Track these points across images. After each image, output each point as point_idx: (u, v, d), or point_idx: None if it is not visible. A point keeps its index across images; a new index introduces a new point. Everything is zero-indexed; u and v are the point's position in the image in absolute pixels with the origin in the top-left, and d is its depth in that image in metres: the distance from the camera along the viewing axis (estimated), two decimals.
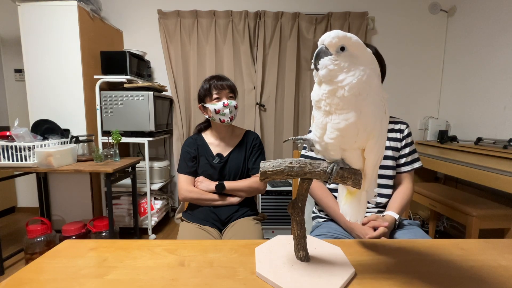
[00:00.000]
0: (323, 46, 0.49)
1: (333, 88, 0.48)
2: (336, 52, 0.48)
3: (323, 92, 0.50)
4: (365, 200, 0.65)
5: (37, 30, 1.99)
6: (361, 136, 0.51)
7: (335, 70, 0.48)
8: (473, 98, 2.28)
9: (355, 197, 0.64)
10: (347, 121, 0.49)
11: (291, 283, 0.53)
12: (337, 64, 0.48)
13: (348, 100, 0.48)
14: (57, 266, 0.60)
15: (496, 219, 1.59)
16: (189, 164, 1.26)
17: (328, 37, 0.48)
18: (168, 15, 2.45)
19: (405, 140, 1.09)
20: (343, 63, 0.48)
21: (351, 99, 0.48)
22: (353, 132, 0.51)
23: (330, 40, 0.48)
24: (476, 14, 2.27)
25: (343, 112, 0.49)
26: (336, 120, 0.50)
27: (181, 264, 0.61)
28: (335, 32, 0.48)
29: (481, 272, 0.59)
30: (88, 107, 2.08)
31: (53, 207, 2.19)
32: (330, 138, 0.52)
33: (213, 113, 1.21)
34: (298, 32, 2.47)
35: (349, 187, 0.63)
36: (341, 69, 0.48)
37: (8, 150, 1.62)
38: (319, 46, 0.50)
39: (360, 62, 0.49)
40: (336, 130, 0.51)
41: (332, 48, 0.48)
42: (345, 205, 0.67)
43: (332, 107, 0.50)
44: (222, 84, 1.22)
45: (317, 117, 0.54)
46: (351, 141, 0.52)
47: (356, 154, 0.55)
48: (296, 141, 0.60)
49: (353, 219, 0.65)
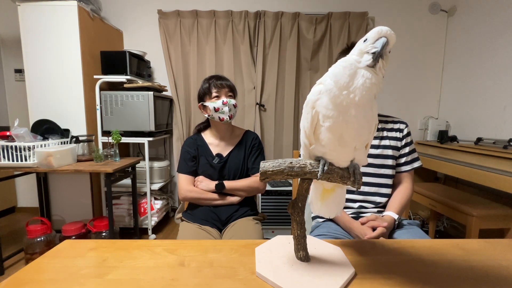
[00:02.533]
0: (389, 39, 0.47)
1: (382, 80, 0.48)
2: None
3: (367, 78, 0.47)
4: (345, 193, 0.66)
5: (37, 30, 1.99)
6: (373, 133, 0.55)
7: (385, 65, 0.49)
8: (473, 98, 2.28)
9: (334, 192, 0.64)
10: (366, 117, 0.51)
11: (291, 283, 0.53)
12: (387, 61, 0.49)
13: (372, 95, 0.49)
14: (57, 266, 0.60)
15: (496, 219, 1.59)
16: (189, 164, 1.26)
17: (393, 35, 0.47)
18: (168, 15, 2.45)
19: (405, 139, 1.09)
20: (387, 62, 0.49)
21: (372, 95, 0.50)
22: (369, 129, 0.53)
23: (394, 37, 0.48)
24: (476, 14, 2.27)
25: (366, 108, 0.50)
26: (356, 116, 0.49)
27: (181, 264, 0.61)
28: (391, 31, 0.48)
29: (481, 272, 0.59)
30: (88, 107, 2.08)
31: (53, 207, 2.19)
32: (349, 140, 0.52)
33: (212, 112, 1.21)
34: (298, 32, 2.47)
35: (325, 185, 0.63)
36: (384, 68, 0.49)
37: (8, 150, 1.62)
38: (384, 38, 0.47)
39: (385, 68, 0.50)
40: (357, 129, 0.51)
41: (391, 44, 0.48)
42: (323, 206, 0.65)
43: (361, 98, 0.48)
44: (221, 83, 1.23)
45: (333, 116, 0.50)
46: (366, 138, 0.55)
47: (363, 151, 0.56)
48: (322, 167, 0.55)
49: (332, 215, 0.66)
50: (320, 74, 2.53)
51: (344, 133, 0.51)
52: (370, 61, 0.47)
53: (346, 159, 0.55)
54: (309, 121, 0.54)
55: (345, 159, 0.55)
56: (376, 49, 0.47)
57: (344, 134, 0.51)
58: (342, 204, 0.66)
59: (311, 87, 2.21)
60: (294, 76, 2.50)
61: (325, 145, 0.53)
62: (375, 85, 0.48)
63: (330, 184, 0.62)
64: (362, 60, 0.48)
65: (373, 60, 0.47)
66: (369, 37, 0.48)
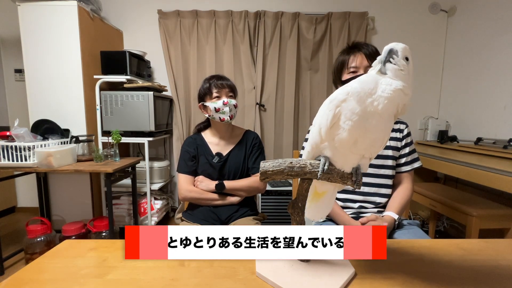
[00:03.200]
0: (395, 48, 0.51)
1: (400, 89, 0.50)
2: (403, 59, 0.51)
3: (389, 85, 0.50)
4: (334, 197, 0.67)
5: (37, 30, 1.99)
6: (383, 145, 0.57)
7: (400, 73, 0.51)
8: (473, 98, 2.28)
9: (325, 196, 0.64)
10: (384, 129, 0.54)
11: (291, 283, 0.53)
12: (405, 69, 0.51)
13: (394, 108, 0.52)
14: (57, 266, 0.60)
15: (496, 219, 1.59)
16: (189, 163, 1.26)
17: (400, 44, 0.52)
18: (168, 15, 2.45)
19: (405, 139, 1.09)
20: (407, 71, 0.51)
21: (395, 107, 0.52)
22: (382, 141, 0.55)
23: (403, 47, 0.52)
24: (476, 14, 2.27)
25: (385, 119, 0.52)
26: (375, 125, 0.52)
27: (181, 264, 0.61)
28: (404, 45, 0.53)
29: (481, 272, 0.59)
30: (88, 107, 2.08)
31: (53, 207, 2.18)
32: (361, 147, 0.54)
33: (213, 112, 1.21)
34: (298, 32, 2.47)
35: (317, 189, 0.64)
36: (404, 76, 0.51)
37: (8, 150, 1.62)
38: (392, 47, 0.52)
39: (410, 80, 0.52)
40: (372, 138, 0.53)
41: (402, 53, 0.51)
42: (310, 208, 0.65)
43: (384, 107, 0.50)
44: (222, 83, 1.22)
45: (355, 121, 0.51)
46: (377, 149, 0.57)
47: (368, 161, 0.58)
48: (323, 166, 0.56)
49: (318, 218, 0.67)
50: (320, 74, 2.53)
51: (359, 139, 0.53)
52: (379, 65, 0.52)
53: (351, 164, 0.56)
54: (329, 119, 0.53)
55: (351, 165, 0.56)
56: (380, 56, 0.52)
57: (359, 140, 0.53)
58: (329, 209, 0.68)
59: (311, 87, 2.22)
60: (294, 76, 2.50)
61: (337, 147, 0.54)
62: (398, 92, 0.50)
63: (322, 188, 0.63)
64: (374, 68, 0.53)
65: (382, 64, 0.51)
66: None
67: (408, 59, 0.52)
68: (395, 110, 0.52)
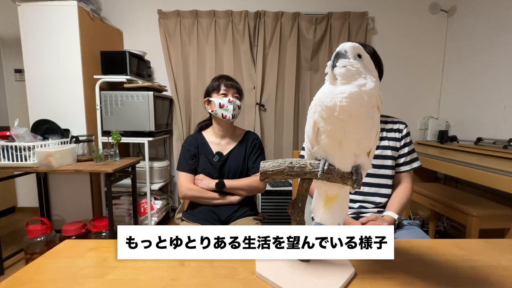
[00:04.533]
0: (342, 49, 0.52)
1: (356, 92, 0.49)
2: (354, 57, 0.52)
3: (341, 94, 0.49)
4: (348, 198, 0.66)
5: (37, 30, 1.99)
6: (374, 141, 0.56)
7: (353, 72, 0.50)
8: (473, 98, 2.28)
9: (337, 200, 0.63)
10: (364, 128, 0.52)
11: (291, 283, 0.53)
12: (356, 67, 0.51)
13: (367, 106, 0.50)
14: (57, 266, 0.60)
15: (496, 219, 1.59)
16: (189, 162, 1.27)
17: (348, 43, 0.53)
18: (168, 15, 2.45)
19: (404, 139, 1.10)
20: (361, 68, 0.51)
21: (368, 105, 0.51)
22: (369, 138, 0.54)
23: (351, 45, 0.52)
24: (476, 14, 2.27)
25: (362, 120, 0.51)
26: (353, 127, 0.51)
27: (181, 264, 0.61)
28: (353, 43, 0.53)
29: (481, 272, 0.59)
30: (88, 107, 2.08)
31: (53, 207, 2.18)
32: (348, 147, 0.53)
33: (217, 107, 1.22)
34: (298, 32, 2.47)
35: (328, 193, 0.63)
36: (359, 73, 0.51)
37: (8, 150, 1.62)
38: (339, 49, 0.52)
39: (371, 72, 0.52)
40: (355, 139, 0.52)
41: (351, 52, 0.52)
42: (324, 213, 0.64)
43: (350, 113, 0.50)
44: (231, 84, 1.26)
45: (331, 128, 0.52)
46: (366, 146, 0.55)
47: (365, 157, 0.57)
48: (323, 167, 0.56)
49: (335, 223, 0.63)
50: (320, 74, 2.53)
51: (343, 141, 0.53)
52: (329, 73, 0.52)
53: (348, 163, 0.56)
54: (311, 126, 0.55)
55: (348, 163, 0.56)
56: (329, 62, 0.52)
57: (343, 142, 0.53)
58: (345, 212, 0.66)
59: (311, 87, 2.22)
60: (294, 76, 2.50)
61: (326, 150, 0.55)
62: (355, 94, 0.49)
63: (333, 191, 0.62)
64: (327, 78, 0.53)
65: (331, 70, 0.51)
66: None
67: (361, 55, 0.52)
68: (369, 106, 0.51)
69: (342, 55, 0.51)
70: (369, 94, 0.50)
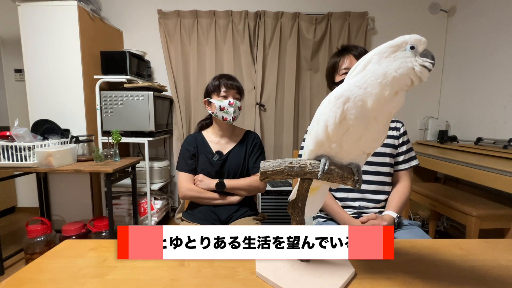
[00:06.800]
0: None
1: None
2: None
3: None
4: (326, 192, 0.68)
5: (37, 30, 1.99)
6: (384, 139, 0.58)
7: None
8: (473, 98, 2.28)
9: (318, 192, 0.65)
10: (384, 128, 0.56)
11: (291, 283, 0.53)
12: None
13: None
14: (57, 266, 0.60)
15: (496, 219, 1.59)
16: (189, 162, 1.27)
17: (420, 38, 0.54)
18: (168, 15, 2.45)
19: (402, 138, 1.10)
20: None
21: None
22: (381, 136, 0.57)
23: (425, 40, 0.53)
24: (476, 14, 2.27)
25: (388, 120, 0.54)
26: (375, 126, 0.53)
27: (181, 264, 0.61)
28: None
29: (481, 272, 0.59)
30: (88, 107, 2.08)
31: (53, 207, 2.18)
32: (364, 145, 0.55)
33: (217, 110, 1.22)
34: (298, 32, 2.47)
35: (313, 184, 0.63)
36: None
37: (8, 150, 1.62)
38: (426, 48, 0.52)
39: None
40: (374, 137, 0.55)
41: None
42: None
43: (383, 113, 0.52)
44: (232, 84, 1.24)
45: (360, 125, 0.52)
46: (375, 146, 0.58)
47: (366, 157, 0.59)
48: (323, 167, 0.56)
49: (310, 213, 0.67)
50: (320, 74, 2.53)
51: (363, 136, 0.54)
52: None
53: (352, 158, 0.57)
54: (337, 116, 0.51)
55: (351, 158, 0.57)
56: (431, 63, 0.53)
57: (363, 137, 0.54)
58: (321, 204, 0.69)
59: (311, 87, 2.21)
60: (294, 76, 2.50)
61: (343, 144, 0.55)
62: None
63: (316, 183, 0.62)
64: (423, 77, 0.53)
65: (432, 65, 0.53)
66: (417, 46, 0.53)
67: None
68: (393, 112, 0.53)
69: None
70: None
